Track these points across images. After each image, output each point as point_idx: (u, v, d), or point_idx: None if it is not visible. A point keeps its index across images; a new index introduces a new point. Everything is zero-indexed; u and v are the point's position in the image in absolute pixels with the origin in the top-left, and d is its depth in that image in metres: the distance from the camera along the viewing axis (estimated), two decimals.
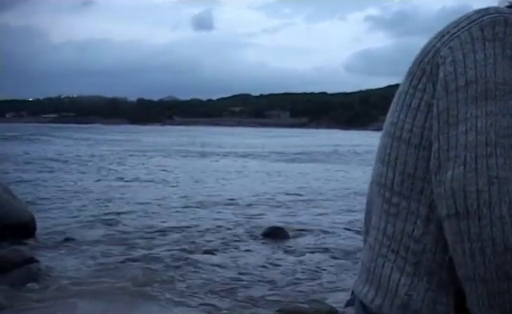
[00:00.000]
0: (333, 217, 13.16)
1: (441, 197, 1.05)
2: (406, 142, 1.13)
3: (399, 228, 1.13)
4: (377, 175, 1.20)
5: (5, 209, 10.16)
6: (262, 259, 9.30)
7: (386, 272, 1.14)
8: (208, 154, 36.93)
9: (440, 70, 1.10)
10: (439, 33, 1.16)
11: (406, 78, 1.19)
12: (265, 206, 14.84)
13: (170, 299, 7.17)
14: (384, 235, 1.16)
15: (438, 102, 1.09)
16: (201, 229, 11.50)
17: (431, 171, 1.08)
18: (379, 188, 1.18)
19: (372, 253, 1.18)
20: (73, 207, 14.16)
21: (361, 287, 1.21)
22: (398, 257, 1.13)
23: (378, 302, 1.15)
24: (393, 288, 1.12)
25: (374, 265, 1.17)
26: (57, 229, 11.18)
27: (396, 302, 1.12)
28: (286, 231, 11.19)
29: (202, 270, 8.53)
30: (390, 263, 1.14)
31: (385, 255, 1.15)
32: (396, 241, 1.13)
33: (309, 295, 7.35)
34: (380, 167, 1.19)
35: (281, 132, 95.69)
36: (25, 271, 7.82)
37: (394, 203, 1.14)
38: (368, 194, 1.27)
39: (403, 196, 1.13)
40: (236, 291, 7.54)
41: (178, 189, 18.27)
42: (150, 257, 9.14)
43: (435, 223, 1.10)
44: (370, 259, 1.19)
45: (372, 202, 1.23)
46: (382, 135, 1.22)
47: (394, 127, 1.17)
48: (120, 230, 11.36)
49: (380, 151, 1.20)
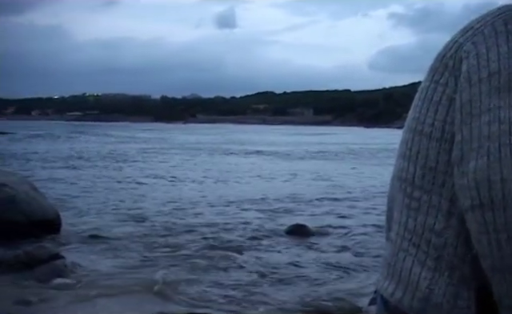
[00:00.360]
0: (357, 215, 13.12)
1: (464, 188, 1.05)
2: (427, 136, 1.13)
3: (420, 222, 1.12)
4: (398, 170, 1.19)
5: (31, 206, 10.28)
6: (285, 257, 9.31)
7: (407, 266, 1.13)
8: (233, 152, 36.99)
9: (463, 64, 1.10)
10: (462, 29, 1.16)
11: (427, 74, 1.18)
12: (289, 204, 14.83)
13: (193, 296, 7.20)
14: (405, 230, 1.15)
15: (460, 94, 1.09)
16: (225, 227, 11.53)
17: (453, 163, 1.08)
18: (400, 183, 1.18)
19: (393, 248, 1.18)
20: (98, 203, 14.28)
21: (382, 281, 1.20)
22: (419, 251, 1.12)
23: (398, 295, 1.14)
24: (414, 282, 1.12)
25: (395, 259, 1.16)
26: (82, 226, 11.29)
27: (417, 295, 1.11)
28: (309, 228, 11.18)
29: (226, 267, 8.56)
30: (411, 257, 1.13)
31: (406, 250, 1.14)
32: (417, 235, 1.13)
33: (332, 293, 7.34)
34: (401, 162, 1.18)
35: (304, 130, 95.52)
36: (51, 268, 7.90)
37: (415, 198, 1.14)
38: (389, 190, 1.26)
39: (424, 190, 1.12)
40: (259, 289, 7.56)
41: (203, 187, 18.33)
42: (174, 255, 9.19)
43: (457, 217, 1.09)
44: (391, 254, 1.18)
45: (393, 198, 1.22)
46: (403, 131, 1.22)
47: (415, 122, 1.16)
48: (145, 227, 11.42)
49: (401, 146, 1.19)
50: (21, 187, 10.63)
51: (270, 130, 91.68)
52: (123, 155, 32.66)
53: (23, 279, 7.58)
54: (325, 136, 69.18)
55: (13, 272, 7.80)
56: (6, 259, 8.17)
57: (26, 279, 7.57)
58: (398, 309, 1.15)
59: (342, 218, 12.78)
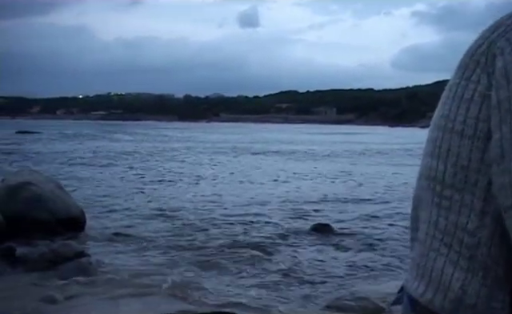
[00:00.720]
0: (382, 215, 13.03)
1: (504, 187, 1.03)
2: (458, 133, 1.11)
3: (452, 221, 1.11)
4: (426, 168, 1.18)
5: (56, 204, 10.39)
6: (308, 256, 9.30)
7: (439, 266, 1.12)
8: (259, 152, 36.96)
9: (497, 61, 1.08)
10: (492, 26, 1.14)
11: (456, 71, 1.17)
12: (313, 203, 14.81)
13: (217, 295, 7.22)
14: (436, 229, 1.13)
15: (497, 91, 1.07)
16: (249, 225, 11.55)
17: (492, 161, 1.06)
18: (429, 182, 1.16)
19: (423, 248, 1.16)
20: (123, 202, 14.37)
21: (411, 282, 1.19)
22: (451, 251, 1.11)
23: (428, 296, 1.13)
24: (446, 282, 1.11)
25: (426, 259, 1.15)
26: (107, 224, 11.38)
27: (449, 296, 1.10)
28: (333, 228, 11.17)
29: (250, 266, 8.57)
30: (442, 257, 1.12)
31: (437, 249, 1.13)
32: (449, 235, 1.11)
33: (355, 292, 7.31)
34: (429, 161, 1.17)
35: (328, 129, 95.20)
36: (76, 265, 7.97)
37: (447, 196, 1.12)
38: (415, 189, 1.24)
39: (456, 189, 1.10)
40: (283, 287, 7.56)
41: (229, 186, 18.34)
42: (198, 253, 9.23)
43: (491, 216, 1.07)
44: (420, 254, 1.17)
45: (420, 197, 1.21)
46: (430, 129, 1.21)
47: (445, 120, 1.15)
48: (170, 225, 11.48)
49: (429, 145, 1.18)
50: (46, 185, 10.75)
51: (293, 129, 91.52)
52: (148, 154, 32.82)
53: (49, 276, 7.66)
54: (349, 135, 68.88)
55: (38, 270, 7.89)
56: (32, 257, 8.27)
57: (52, 276, 7.64)
58: (428, 310, 1.14)
59: (366, 217, 12.71)
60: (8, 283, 7.41)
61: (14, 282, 7.46)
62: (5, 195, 10.19)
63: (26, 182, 10.50)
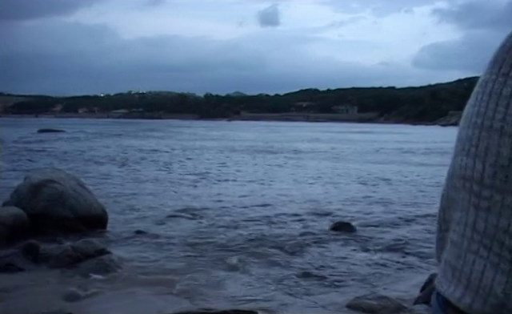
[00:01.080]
0: (403, 215, 12.95)
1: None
2: (497, 131, 1.05)
3: (492, 223, 1.05)
4: (460, 168, 1.12)
5: (78, 202, 10.47)
6: (329, 254, 9.28)
7: (478, 269, 1.06)
8: (280, 151, 36.96)
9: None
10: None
11: (490, 67, 1.10)
12: (335, 202, 14.79)
13: (237, 294, 7.24)
14: (473, 231, 1.08)
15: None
16: (269, 224, 11.56)
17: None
18: (464, 182, 1.11)
19: (458, 250, 1.11)
20: (145, 200, 14.43)
21: (445, 285, 1.13)
22: (491, 254, 1.05)
23: (467, 301, 1.08)
24: (486, 286, 1.05)
25: (462, 263, 1.09)
26: (129, 222, 11.44)
27: (490, 301, 1.04)
28: (353, 226, 11.13)
29: (270, 264, 8.57)
30: (482, 260, 1.06)
31: (475, 252, 1.07)
32: (488, 237, 1.05)
33: (376, 291, 7.29)
34: (464, 160, 1.11)
35: (350, 127, 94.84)
36: (97, 262, 8.02)
37: (485, 197, 1.06)
38: (444, 189, 1.19)
39: (496, 189, 1.04)
40: (303, 286, 7.55)
41: (250, 186, 18.33)
42: (219, 252, 9.24)
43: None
44: (456, 257, 1.11)
45: (451, 197, 1.16)
46: (462, 127, 1.15)
47: (481, 117, 1.08)
48: (191, 224, 11.52)
49: (462, 144, 1.13)
50: (68, 183, 10.82)
51: (314, 128, 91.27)
52: (170, 153, 32.94)
53: (71, 273, 7.72)
54: (372, 134, 68.57)
55: (61, 267, 7.96)
56: (55, 254, 8.33)
57: (74, 273, 7.71)
58: (460, 312, 1.09)
59: (386, 216, 12.66)
60: (31, 279, 7.50)
61: (37, 278, 7.54)
62: (28, 193, 10.30)
63: (49, 179, 10.59)
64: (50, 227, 9.86)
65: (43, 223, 9.88)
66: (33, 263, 8.13)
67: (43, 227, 9.78)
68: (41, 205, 10.12)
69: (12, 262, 8.01)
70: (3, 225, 9.50)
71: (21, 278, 7.53)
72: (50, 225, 9.89)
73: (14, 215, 9.76)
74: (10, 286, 7.10)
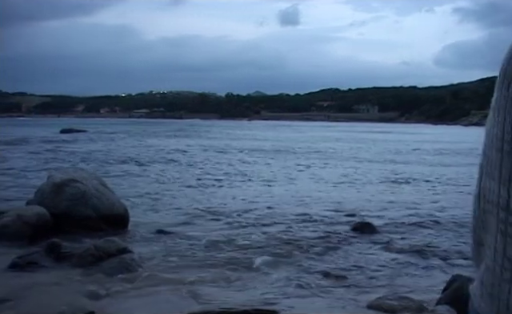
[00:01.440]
0: (426, 217, 12.85)
1: None
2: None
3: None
4: (486, 190, 1.06)
5: (101, 201, 10.55)
6: (350, 254, 9.25)
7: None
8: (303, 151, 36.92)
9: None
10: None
11: (504, 83, 1.02)
12: (355, 202, 14.74)
13: (257, 293, 7.24)
14: (504, 258, 1.02)
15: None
16: (290, 224, 11.54)
17: None
18: (491, 207, 1.05)
19: (492, 277, 1.06)
20: (167, 200, 14.49)
21: (481, 305, 1.09)
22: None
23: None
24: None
25: (498, 291, 1.04)
26: (150, 221, 11.47)
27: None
28: (375, 226, 11.09)
29: (290, 264, 8.57)
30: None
31: (509, 281, 1.01)
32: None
33: (397, 292, 7.25)
34: (488, 183, 1.05)
35: (371, 127, 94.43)
36: (119, 261, 8.06)
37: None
38: (475, 209, 1.12)
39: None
40: (324, 286, 7.54)
41: (272, 187, 18.30)
42: (239, 252, 9.26)
43: None
44: (491, 284, 1.06)
45: (482, 219, 1.10)
46: (486, 146, 1.07)
47: (500, 142, 1.01)
48: (212, 224, 11.55)
49: (486, 163, 1.06)
50: (91, 182, 10.91)
51: (335, 128, 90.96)
52: (190, 154, 33.02)
53: (93, 272, 7.77)
54: (394, 134, 68.18)
55: (83, 265, 8.01)
56: (77, 253, 8.39)
57: (96, 272, 7.76)
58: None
59: (408, 218, 12.58)
60: (54, 277, 7.56)
61: (59, 277, 7.60)
62: (50, 192, 10.40)
63: (71, 179, 10.68)
64: (73, 226, 9.95)
65: (66, 222, 9.97)
66: (55, 262, 8.20)
67: (65, 226, 9.87)
68: (63, 204, 10.22)
69: (35, 260, 8.09)
70: (26, 224, 9.61)
71: (43, 276, 7.60)
72: (73, 224, 9.98)
73: (36, 214, 9.87)
74: (33, 284, 7.17)
